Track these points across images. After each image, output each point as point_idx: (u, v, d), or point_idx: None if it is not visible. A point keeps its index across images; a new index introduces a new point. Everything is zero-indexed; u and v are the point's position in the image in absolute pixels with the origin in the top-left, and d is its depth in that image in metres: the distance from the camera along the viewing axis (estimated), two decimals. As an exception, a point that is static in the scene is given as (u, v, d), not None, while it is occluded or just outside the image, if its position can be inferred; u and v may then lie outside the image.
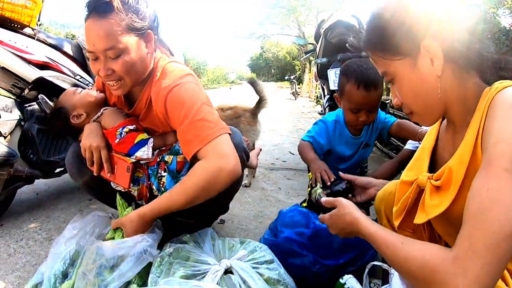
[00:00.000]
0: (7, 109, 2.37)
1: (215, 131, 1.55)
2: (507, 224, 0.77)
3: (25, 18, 2.52)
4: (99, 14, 1.49)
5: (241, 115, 3.58)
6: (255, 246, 1.64)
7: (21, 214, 2.60)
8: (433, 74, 1.01)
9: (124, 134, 1.74)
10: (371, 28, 1.12)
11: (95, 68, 1.60)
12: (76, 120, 1.87)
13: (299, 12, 33.28)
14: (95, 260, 1.40)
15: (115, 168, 1.79)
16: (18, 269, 1.92)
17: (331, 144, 2.13)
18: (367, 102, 1.89)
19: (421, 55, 1.00)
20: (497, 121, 0.87)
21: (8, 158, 2.08)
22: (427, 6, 0.99)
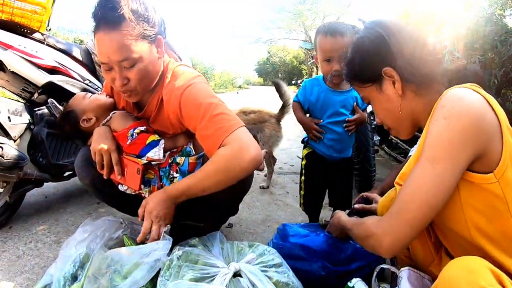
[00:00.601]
0: (17, 113, 2.39)
1: (234, 124, 1.56)
2: (416, 197, 1.05)
3: (35, 24, 2.55)
4: (110, 25, 1.48)
5: (267, 120, 3.58)
6: (263, 249, 1.64)
7: (30, 217, 2.62)
8: (396, 94, 1.24)
9: (135, 136, 1.75)
10: (345, 63, 1.38)
11: (109, 77, 1.61)
12: (85, 124, 1.88)
13: (306, 17, 33.33)
14: (109, 265, 1.40)
15: (125, 170, 1.79)
16: (26, 271, 1.93)
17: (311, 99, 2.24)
18: (335, 48, 1.97)
19: (384, 80, 1.25)
20: (430, 122, 1.08)
21: (18, 162, 2.10)
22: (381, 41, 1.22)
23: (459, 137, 1.00)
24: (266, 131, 3.51)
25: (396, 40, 1.20)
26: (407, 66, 1.19)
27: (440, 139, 1.03)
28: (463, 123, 1.00)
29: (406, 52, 1.19)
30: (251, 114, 3.61)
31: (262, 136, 3.53)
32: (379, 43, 1.23)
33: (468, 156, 1.01)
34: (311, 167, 2.36)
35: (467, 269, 0.89)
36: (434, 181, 1.03)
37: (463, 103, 1.02)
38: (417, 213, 1.05)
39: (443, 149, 1.02)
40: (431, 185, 1.03)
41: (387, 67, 1.22)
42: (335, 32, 1.98)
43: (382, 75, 1.24)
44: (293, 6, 34.33)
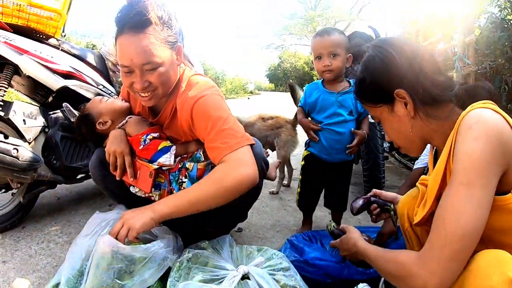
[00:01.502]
0: (32, 116, 2.45)
1: (240, 141, 1.61)
2: (457, 227, 0.98)
3: (50, 29, 2.61)
4: (136, 29, 1.52)
5: (283, 125, 3.62)
6: (272, 253, 1.66)
7: (42, 218, 2.67)
8: (408, 115, 1.24)
9: (148, 141, 1.80)
10: (357, 85, 1.37)
11: (128, 81, 1.63)
12: (101, 127, 1.94)
13: (317, 22, 33.41)
14: (111, 263, 1.43)
15: (138, 173, 1.83)
16: (38, 270, 1.97)
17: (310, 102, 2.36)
18: (323, 46, 2.17)
19: (396, 101, 1.25)
20: (458, 143, 1.05)
21: (33, 163, 2.14)
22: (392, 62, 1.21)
23: (491, 159, 0.99)
24: (282, 136, 3.56)
25: (407, 61, 1.20)
26: (419, 88, 1.19)
27: (473, 163, 1.00)
28: (493, 144, 0.99)
29: (418, 74, 1.19)
30: (269, 120, 3.67)
31: (279, 141, 3.57)
32: (390, 64, 1.22)
33: (497, 177, 1.00)
34: (308, 169, 2.48)
35: (497, 259, 0.92)
36: (474, 206, 0.98)
37: (490, 124, 1.01)
38: (462, 244, 0.98)
39: (478, 172, 0.99)
40: (472, 212, 0.98)
41: (399, 88, 1.21)
42: (323, 33, 2.20)
43: (394, 96, 1.24)
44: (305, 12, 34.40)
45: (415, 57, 1.20)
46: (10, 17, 2.39)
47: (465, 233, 0.97)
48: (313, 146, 2.41)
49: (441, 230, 1.02)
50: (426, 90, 1.18)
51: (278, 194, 3.62)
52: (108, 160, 1.83)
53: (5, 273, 1.92)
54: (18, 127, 2.32)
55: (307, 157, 2.47)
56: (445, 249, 0.99)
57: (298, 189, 2.58)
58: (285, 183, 3.90)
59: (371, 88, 1.30)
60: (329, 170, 2.39)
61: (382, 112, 1.31)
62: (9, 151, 2.04)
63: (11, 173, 2.09)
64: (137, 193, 1.90)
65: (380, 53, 1.26)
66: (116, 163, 1.82)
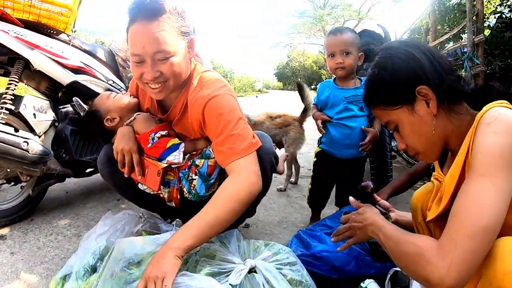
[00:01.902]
0: (42, 110, 2.47)
1: (247, 148, 1.61)
2: (480, 219, 0.95)
3: (61, 25, 2.63)
4: (149, 16, 1.50)
5: (291, 123, 3.66)
6: (279, 248, 1.67)
7: (51, 211, 2.70)
8: (430, 114, 1.19)
9: (156, 139, 1.80)
10: (371, 86, 1.31)
11: (138, 72, 1.60)
12: (109, 124, 1.93)
13: (326, 21, 33.29)
14: (123, 253, 1.44)
15: (146, 171, 1.84)
16: (46, 262, 1.99)
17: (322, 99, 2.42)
18: (336, 44, 2.24)
19: (417, 100, 1.20)
20: (477, 138, 1.04)
21: (42, 156, 2.16)
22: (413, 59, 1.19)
23: (511, 153, 0.98)
24: (291, 134, 3.60)
25: (427, 57, 1.19)
26: (442, 84, 1.17)
27: (494, 155, 0.99)
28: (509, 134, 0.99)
29: (440, 70, 1.18)
30: (277, 119, 3.70)
31: (287, 138, 3.62)
32: (411, 61, 1.20)
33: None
34: (319, 166, 2.53)
35: None
36: (496, 196, 0.96)
37: (509, 121, 1.01)
38: (484, 236, 0.94)
39: (499, 165, 0.98)
40: (494, 203, 0.96)
41: (421, 85, 1.17)
42: (336, 31, 2.28)
43: (415, 94, 1.19)
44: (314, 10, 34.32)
45: (432, 54, 1.19)
46: (21, 13, 2.41)
47: (487, 225, 0.94)
48: (324, 142, 2.44)
49: (462, 222, 0.98)
50: (450, 85, 1.17)
51: (285, 191, 3.64)
52: (116, 158, 1.83)
53: (13, 264, 1.94)
54: (29, 120, 2.35)
55: (319, 153, 2.51)
56: (466, 241, 0.95)
57: (309, 186, 2.62)
58: (292, 180, 3.91)
59: (391, 88, 1.24)
60: (341, 167, 2.41)
61: (400, 114, 1.25)
62: (19, 144, 2.06)
63: (21, 166, 2.11)
64: (145, 190, 1.91)
65: (399, 53, 1.23)
66: (124, 161, 1.82)
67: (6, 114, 2.21)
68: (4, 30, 2.16)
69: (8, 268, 1.90)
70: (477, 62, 3.81)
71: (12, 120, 2.33)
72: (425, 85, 1.17)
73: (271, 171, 1.89)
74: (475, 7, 4.96)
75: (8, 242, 2.19)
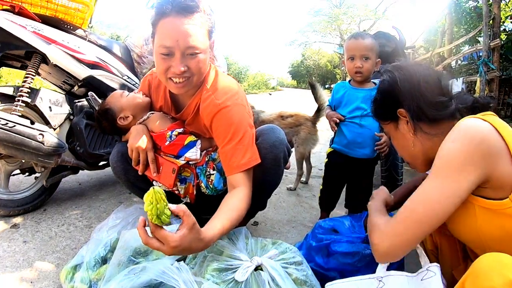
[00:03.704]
0: (58, 103, 2.52)
1: (250, 161, 1.68)
2: (417, 210, 1.14)
3: (78, 21, 2.68)
4: (185, 12, 1.53)
5: (302, 123, 3.62)
6: (286, 247, 1.68)
7: (64, 202, 2.75)
8: (410, 132, 1.36)
9: (174, 137, 1.82)
10: (372, 103, 1.54)
11: (165, 65, 1.60)
12: (122, 122, 1.94)
13: (341, 20, 33.12)
14: (129, 243, 1.48)
15: (160, 168, 1.86)
16: (58, 251, 2.03)
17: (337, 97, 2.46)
18: (357, 48, 2.28)
19: (400, 120, 1.39)
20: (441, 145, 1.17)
21: (57, 149, 2.20)
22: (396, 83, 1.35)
23: (464, 157, 1.08)
24: (301, 134, 3.55)
25: (409, 84, 1.33)
26: (416, 108, 1.31)
27: (447, 158, 1.12)
28: (470, 146, 1.08)
29: (417, 96, 1.31)
30: (288, 118, 3.66)
31: (298, 138, 3.57)
32: (394, 85, 1.36)
33: (473, 178, 1.08)
34: (331, 166, 2.54)
35: (500, 262, 0.93)
36: (438, 193, 1.11)
37: (469, 129, 1.12)
38: (415, 222, 1.14)
39: (449, 167, 1.11)
40: (436, 197, 1.11)
41: (401, 108, 1.35)
42: (358, 36, 2.33)
43: (398, 115, 1.37)
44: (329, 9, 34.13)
45: (418, 81, 1.32)
46: (39, 8, 2.46)
47: (424, 213, 1.12)
48: (336, 141, 2.45)
49: (404, 209, 1.19)
50: (422, 110, 1.30)
51: (295, 190, 3.64)
52: (131, 155, 1.84)
53: (26, 253, 1.99)
54: (44, 113, 2.40)
55: (331, 154, 2.52)
56: (404, 221, 1.17)
57: (321, 187, 2.63)
58: (303, 180, 3.90)
59: (381, 106, 1.48)
60: (352, 167, 2.42)
61: (390, 128, 1.47)
62: (35, 136, 2.11)
63: (36, 158, 2.16)
64: (160, 187, 1.91)
65: (388, 77, 1.41)
66: (139, 159, 1.83)
67: (22, 106, 2.27)
68: (22, 25, 2.21)
69: (21, 256, 1.95)
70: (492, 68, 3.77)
71: (28, 112, 2.39)
72: (404, 108, 1.34)
73: (284, 162, 1.92)
74: (491, 11, 4.91)
75: (21, 231, 2.23)
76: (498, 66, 3.91)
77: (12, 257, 1.94)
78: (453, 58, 8.77)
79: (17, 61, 2.57)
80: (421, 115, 1.31)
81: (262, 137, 1.86)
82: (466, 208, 1.16)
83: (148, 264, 1.39)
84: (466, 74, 7.95)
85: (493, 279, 0.90)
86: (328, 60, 50.84)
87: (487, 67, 3.89)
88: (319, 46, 47.13)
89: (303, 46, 43.48)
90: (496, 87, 5.46)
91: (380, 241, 1.21)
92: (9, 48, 2.28)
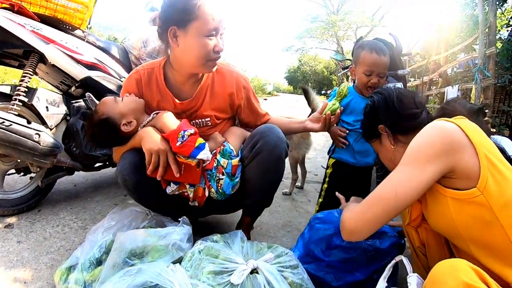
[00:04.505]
0: (55, 103, 2.52)
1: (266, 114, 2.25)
2: (381, 191, 1.29)
3: (76, 21, 2.68)
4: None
5: None
6: (281, 251, 1.69)
7: (58, 203, 2.73)
8: (390, 145, 1.54)
9: (186, 137, 1.74)
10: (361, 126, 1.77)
11: (211, 44, 1.77)
12: (127, 128, 1.84)
13: (338, 27, 33.26)
14: (125, 245, 1.48)
15: (182, 168, 1.81)
16: (52, 252, 2.02)
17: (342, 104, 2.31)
18: (378, 64, 2.20)
19: (382, 135, 1.58)
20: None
21: (53, 149, 2.20)
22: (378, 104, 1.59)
23: (429, 150, 1.22)
24: (294, 138, 3.54)
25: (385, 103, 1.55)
26: (391, 122, 1.52)
27: (414, 150, 1.26)
28: (434, 140, 1.23)
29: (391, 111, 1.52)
30: None
31: (291, 143, 3.54)
32: (374, 107, 1.60)
33: (437, 166, 1.21)
34: (337, 176, 2.44)
35: (451, 267, 1.00)
36: (404, 178, 1.24)
37: (434, 126, 1.27)
38: (381, 203, 1.27)
39: (413, 157, 1.25)
40: (397, 183, 1.25)
41: (380, 125, 1.55)
42: (380, 51, 2.21)
43: (379, 131, 1.57)
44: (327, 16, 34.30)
45: (392, 100, 1.53)
46: (38, 7, 2.46)
47: (386, 195, 1.26)
48: (339, 152, 2.39)
49: (373, 192, 1.32)
50: (396, 123, 1.52)
51: (290, 195, 3.64)
52: (149, 161, 1.75)
53: (19, 253, 1.97)
54: (41, 113, 2.39)
55: (335, 164, 2.44)
56: (368, 203, 1.31)
57: (320, 199, 2.51)
58: (298, 185, 3.92)
59: (365, 126, 1.70)
60: (355, 175, 2.40)
61: (376, 145, 1.67)
62: (31, 136, 2.10)
63: (32, 157, 2.15)
64: (172, 191, 1.87)
65: (370, 102, 1.65)
66: (158, 163, 1.76)
67: (19, 105, 2.26)
68: (21, 24, 2.21)
69: (14, 256, 1.94)
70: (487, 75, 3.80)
71: (25, 112, 2.38)
72: (383, 124, 1.55)
73: (286, 155, 1.97)
74: (488, 19, 4.95)
75: (15, 231, 2.22)
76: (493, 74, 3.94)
77: (5, 257, 1.92)
78: (449, 65, 8.85)
79: (15, 60, 2.57)
80: (396, 127, 1.52)
81: (263, 139, 1.89)
82: (439, 201, 1.27)
83: (144, 266, 1.38)
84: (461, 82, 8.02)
85: (448, 282, 0.96)
86: (324, 66, 50.98)
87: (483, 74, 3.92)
88: (315, 52, 47.28)
89: (300, 52, 43.63)
90: (491, 95, 5.52)
91: (346, 219, 1.37)
92: (7, 47, 2.28)
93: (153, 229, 1.58)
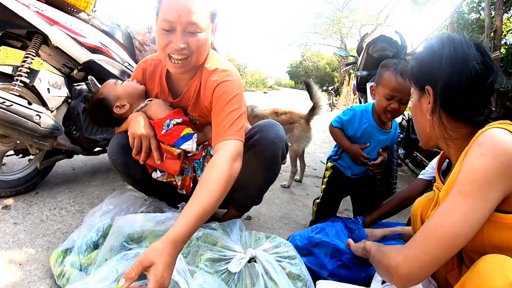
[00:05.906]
0: (56, 85, 2.49)
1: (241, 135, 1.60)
2: (441, 228, 1.05)
3: (81, 4, 2.63)
4: None
5: (296, 121, 3.66)
6: (279, 241, 1.69)
7: (56, 186, 2.72)
8: (427, 112, 1.30)
9: (171, 126, 1.79)
10: (414, 58, 1.43)
11: (166, 40, 1.61)
12: (119, 111, 1.93)
13: (343, 24, 33.15)
14: (123, 229, 1.47)
15: (164, 156, 1.84)
16: (48, 235, 2.01)
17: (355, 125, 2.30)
18: (401, 89, 2.04)
19: (424, 94, 1.30)
20: (467, 157, 1.10)
21: (53, 131, 2.18)
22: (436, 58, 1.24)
23: (493, 175, 1.01)
24: (295, 132, 3.59)
25: (451, 67, 1.20)
26: (447, 97, 1.22)
27: (474, 175, 1.04)
28: (499, 161, 1.01)
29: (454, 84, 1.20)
30: (282, 115, 3.70)
31: (291, 136, 3.61)
32: (436, 62, 1.24)
33: (499, 195, 1.03)
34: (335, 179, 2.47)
35: (502, 264, 0.94)
36: (462, 213, 1.03)
37: (500, 143, 1.03)
38: (440, 242, 1.05)
39: (476, 184, 1.03)
40: (459, 217, 1.03)
41: (429, 85, 1.27)
42: (405, 75, 2.01)
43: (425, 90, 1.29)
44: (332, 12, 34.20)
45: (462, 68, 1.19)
46: (43, -12, 2.43)
47: (446, 233, 1.04)
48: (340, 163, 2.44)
49: (427, 227, 1.11)
50: (454, 103, 1.22)
51: (289, 188, 3.65)
52: (132, 143, 1.82)
53: (16, 234, 1.96)
54: (42, 95, 2.37)
55: (334, 167, 2.48)
56: (424, 242, 1.09)
57: (318, 200, 2.55)
58: (297, 178, 3.93)
59: (413, 72, 1.38)
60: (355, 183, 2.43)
61: (414, 94, 1.39)
62: (32, 117, 2.08)
63: (32, 139, 2.13)
64: (158, 178, 1.91)
65: (436, 46, 1.27)
66: (140, 146, 1.81)
67: (20, 86, 2.23)
68: (25, 4, 2.18)
69: (10, 238, 1.92)
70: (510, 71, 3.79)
71: (26, 93, 2.35)
72: (432, 87, 1.26)
73: (282, 158, 1.93)
74: (493, 24, 4.93)
75: (12, 212, 2.21)
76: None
77: (1, 238, 1.91)
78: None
79: (18, 41, 2.54)
80: (449, 106, 1.23)
81: (261, 132, 1.85)
82: None
83: (141, 251, 1.37)
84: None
85: (496, 280, 0.91)
86: (327, 62, 50.96)
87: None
88: (319, 48, 47.26)
89: (303, 47, 43.54)
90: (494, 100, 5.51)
91: (397, 264, 1.13)
92: (11, 27, 2.24)
93: (152, 214, 1.58)
